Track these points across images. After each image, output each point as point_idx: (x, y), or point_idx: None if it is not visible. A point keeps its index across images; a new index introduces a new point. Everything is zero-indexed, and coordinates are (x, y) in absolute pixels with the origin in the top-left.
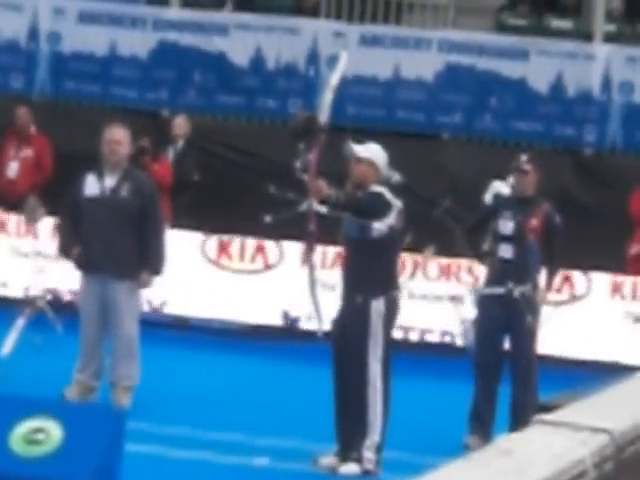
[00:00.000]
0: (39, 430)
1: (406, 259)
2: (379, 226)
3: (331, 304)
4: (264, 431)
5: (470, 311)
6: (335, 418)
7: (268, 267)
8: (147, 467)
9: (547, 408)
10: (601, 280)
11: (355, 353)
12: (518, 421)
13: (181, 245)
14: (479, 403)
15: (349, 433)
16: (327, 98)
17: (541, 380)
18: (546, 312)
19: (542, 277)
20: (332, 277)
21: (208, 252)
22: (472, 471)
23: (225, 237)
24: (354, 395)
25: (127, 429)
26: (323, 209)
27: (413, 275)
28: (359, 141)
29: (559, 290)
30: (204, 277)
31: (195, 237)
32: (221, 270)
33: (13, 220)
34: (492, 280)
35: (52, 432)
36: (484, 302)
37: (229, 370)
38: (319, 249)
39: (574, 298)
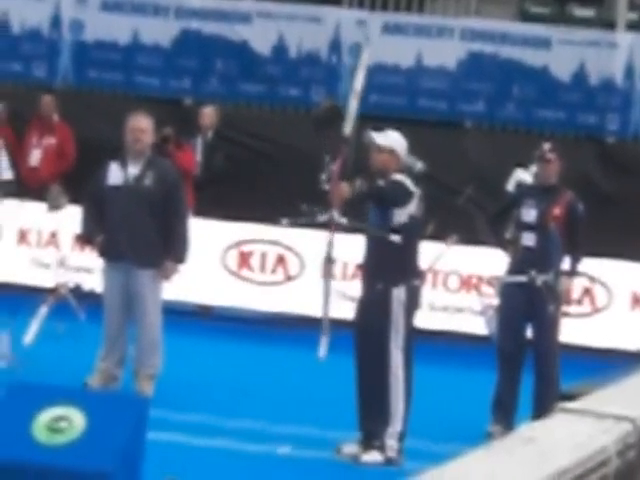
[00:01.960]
0: (62, 418)
1: (429, 248)
2: (400, 214)
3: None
4: (287, 419)
5: (493, 299)
6: (357, 406)
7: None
8: (170, 455)
9: (569, 397)
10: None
11: (376, 341)
12: (540, 409)
13: (205, 234)
14: (502, 392)
15: (372, 421)
16: (352, 106)
17: (565, 368)
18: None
19: (565, 265)
20: (352, 288)
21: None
22: (495, 459)
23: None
24: (376, 383)
25: (150, 417)
26: (344, 220)
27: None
28: (378, 129)
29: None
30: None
31: (220, 226)
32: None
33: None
34: (515, 268)
35: (75, 420)
36: (507, 290)
37: (252, 358)
38: (340, 260)
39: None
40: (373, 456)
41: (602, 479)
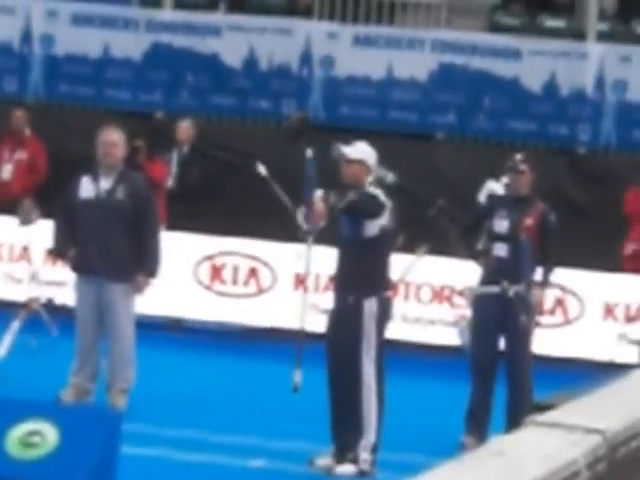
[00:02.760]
0: (35, 433)
1: (399, 259)
2: (371, 226)
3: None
4: (259, 432)
5: (466, 310)
6: (330, 419)
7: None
8: (143, 469)
9: (542, 408)
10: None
11: (348, 353)
12: (514, 420)
13: (178, 247)
14: (475, 403)
15: (344, 433)
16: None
17: (537, 379)
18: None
19: (537, 276)
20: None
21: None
22: (465, 471)
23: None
24: (348, 395)
25: (123, 431)
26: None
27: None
28: (346, 142)
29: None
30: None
31: (192, 239)
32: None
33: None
34: (487, 279)
35: (48, 435)
36: (479, 301)
37: (224, 371)
38: (313, 272)
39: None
40: (346, 468)
41: None
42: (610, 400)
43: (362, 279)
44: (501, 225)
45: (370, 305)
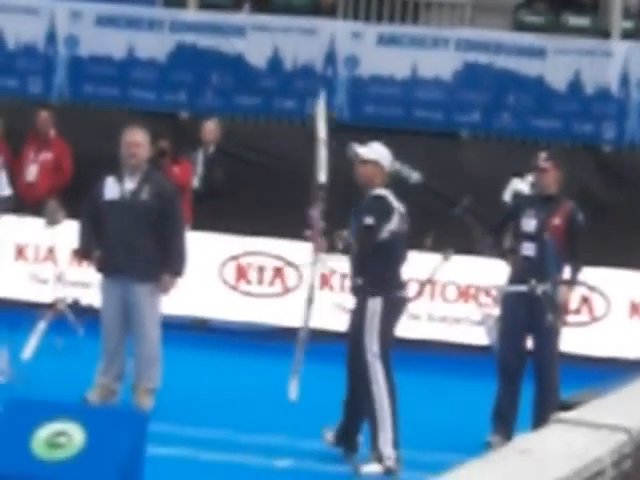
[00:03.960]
0: (61, 434)
1: (426, 259)
2: (381, 231)
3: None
4: (286, 432)
5: (494, 309)
6: (343, 412)
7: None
8: (169, 470)
9: (568, 406)
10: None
11: (355, 351)
12: (540, 419)
13: (203, 247)
14: (502, 402)
15: (354, 428)
16: (322, 155)
17: (564, 377)
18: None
19: (565, 275)
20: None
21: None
22: (490, 470)
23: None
24: (360, 392)
25: (149, 431)
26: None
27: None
28: (362, 142)
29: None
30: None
31: (217, 239)
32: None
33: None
34: (515, 278)
35: (74, 435)
36: (507, 300)
37: (250, 371)
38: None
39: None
40: (373, 468)
41: None
42: (636, 398)
43: (370, 280)
44: (529, 224)
45: (374, 304)
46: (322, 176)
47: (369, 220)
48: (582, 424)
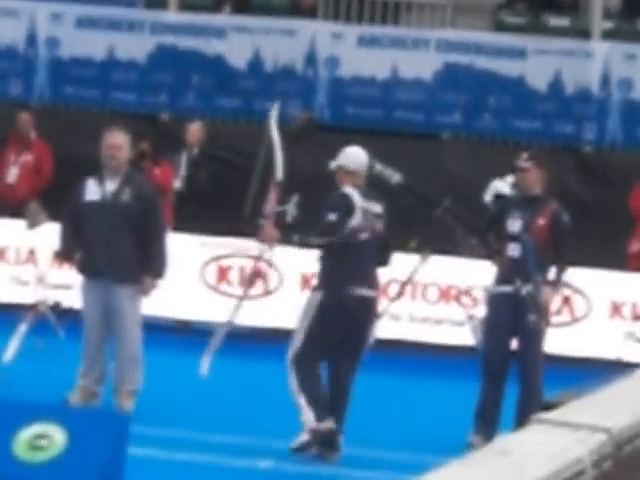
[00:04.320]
0: (42, 436)
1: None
2: None
3: None
4: (268, 433)
5: (479, 309)
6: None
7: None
8: (150, 471)
9: (549, 406)
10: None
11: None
12: (523, 420)
13: (184, 249)
14: (485, 402)
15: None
16: (279, 157)
17: (545, 378)
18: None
19: (550, 275)
20: None
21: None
22: (469, 471)
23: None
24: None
25: (130, 433)
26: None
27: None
28: (342, 143)
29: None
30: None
31: (199, 241)
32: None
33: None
34: (501, 279)
35: (55, 437)
36: (493, 301)
37: (231, 372)
38: None
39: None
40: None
41: None
42: (616, 398)
43: (320, 273)
44: (514, 225)
45: (314, 297)
46: (279, 173)
47: (332, 216)
48: (562, 424)
